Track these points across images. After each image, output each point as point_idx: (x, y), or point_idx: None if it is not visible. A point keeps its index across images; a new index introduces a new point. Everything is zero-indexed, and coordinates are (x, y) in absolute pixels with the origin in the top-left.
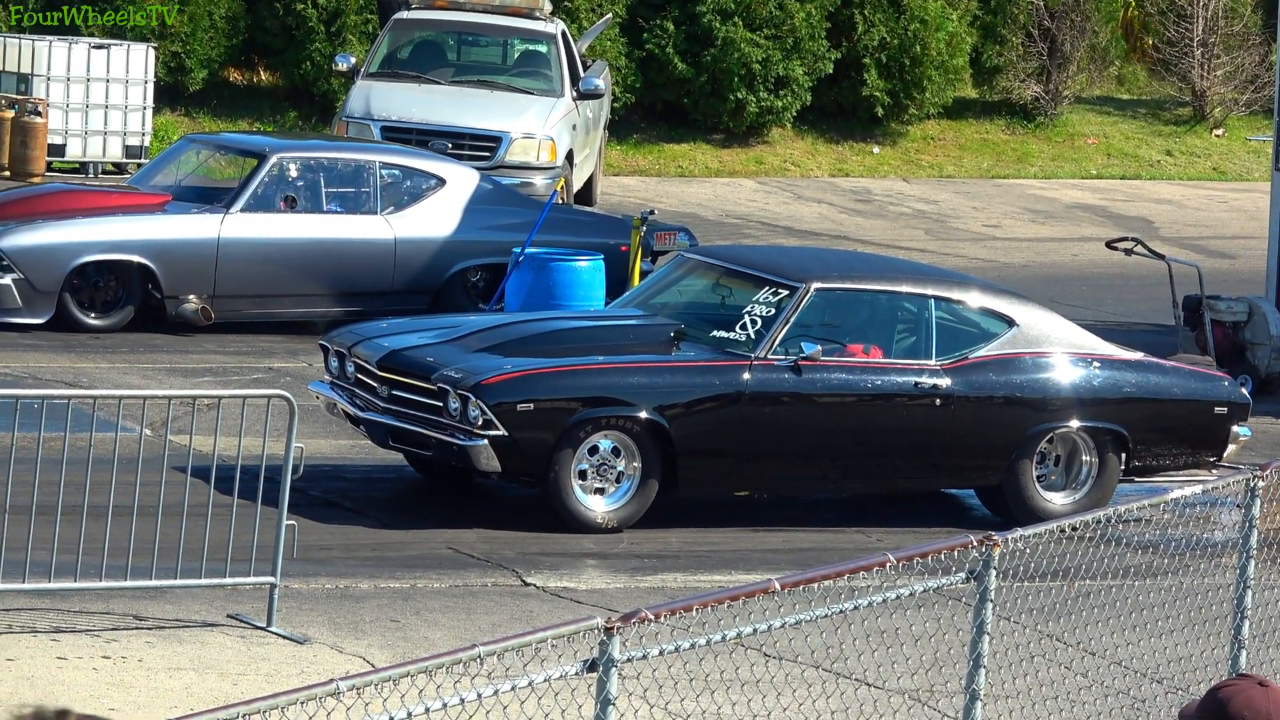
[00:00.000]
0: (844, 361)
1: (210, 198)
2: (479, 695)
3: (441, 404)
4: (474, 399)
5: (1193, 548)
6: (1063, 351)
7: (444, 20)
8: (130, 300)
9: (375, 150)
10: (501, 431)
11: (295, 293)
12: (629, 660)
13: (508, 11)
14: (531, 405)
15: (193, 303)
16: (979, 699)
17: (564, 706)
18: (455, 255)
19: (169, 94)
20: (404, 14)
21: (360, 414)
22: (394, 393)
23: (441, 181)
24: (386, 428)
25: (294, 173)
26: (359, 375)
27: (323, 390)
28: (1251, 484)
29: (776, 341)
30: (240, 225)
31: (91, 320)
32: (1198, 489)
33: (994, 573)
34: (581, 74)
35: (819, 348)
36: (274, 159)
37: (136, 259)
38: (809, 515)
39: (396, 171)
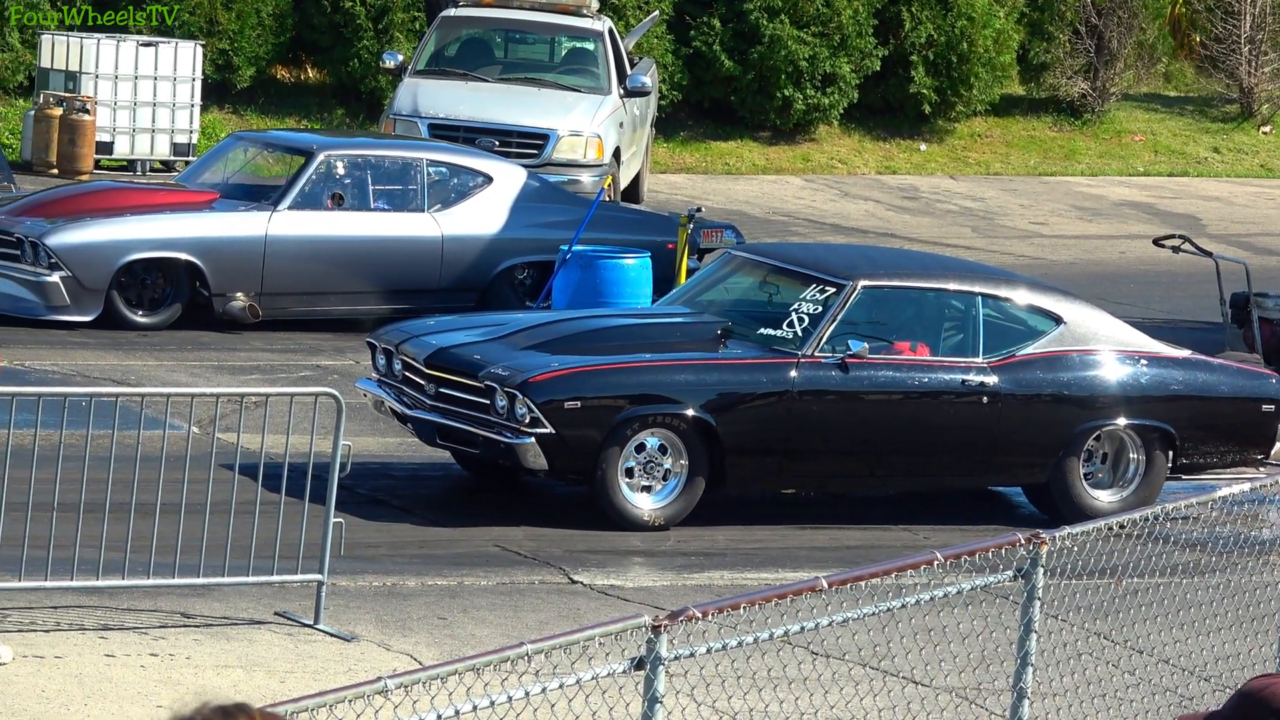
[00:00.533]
0: (891, 359)
1: (258, 195)
2: (527, 693)
3: (489, 402)
4: (521, 396)
5: (1241, 546)
6: (1110, 349)
7: (491, 18)
8: (178, 298)
9: (422, 148)
10: (549, 429)
11: (342, 290)
12: (676, 658)
13: (555, 9)
14: (579, 403)
15: (240, 300)
16: (1026, 697)
17: (611, 705)
18: (502, 253)
19: (217, 91)
20: (451, 11)
21: (408, 411)
22: (441, 390)
23: (489, 179)
24: (434, 425)
25: (341, 170)
26: (406, 373)
27: (370, 388)
28: None
29: (823, 339)
30: (287, 223)
31: (139, 318)
32: (1246, 487)
33: (1041, 571)
34: (629, 71)
35: (866, 345)
36: (321, 156)
37: (184, 257)
38: (856, 513)
39: (444, 169)
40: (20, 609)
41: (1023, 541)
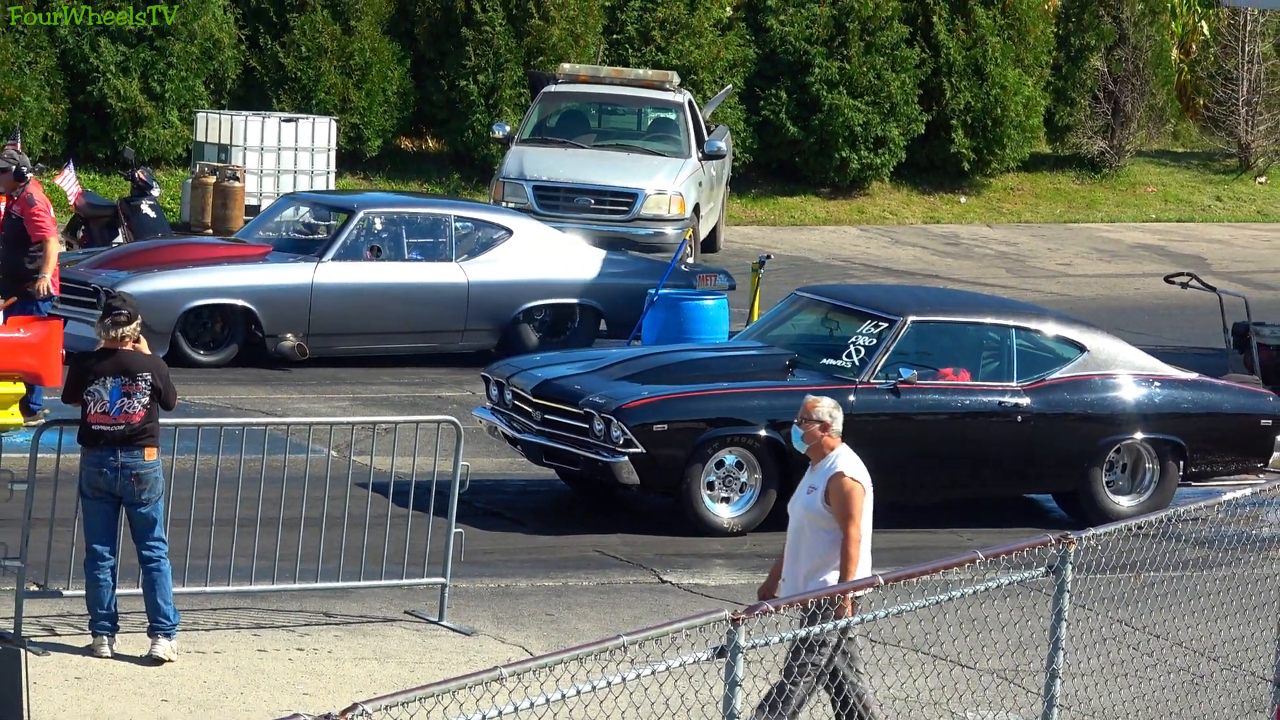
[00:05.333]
0: (937, 384)
1: (306, 248)
2: (623, 679)
3: (588, 426)
4: (616, 421)
5: (1244, 543)
6: (1128, 373)
7: (586, 93)
8: (235, 339)
9: (450, 205)
10: (640, 449)
11: (380, 331)
12: (753, 647)
13: (642, 84)
14: (666, 426)
15: (290, 340)
16: (1058, 677)
17: (697, 689)
18: (521, 296)
19: (349, 160)
20: (552, 88)
21: (517, 435)
22: (547, 417)
23: (510, 232)
24: (540, 447)
25: (379, 226)
26: (516, 402)
27: (485, 415)
28: None
29: (878, 368)
30: (331, 272)
31: (200, 356)
32: (1248, 491)
33: (1070, 567)
34: (706, 137)
35: (915, 372)
36: (361, 214)
37: (240, 303)
38: (908, 518)
39: (469, 224)
40: (185, 610)
41: (1054, 542)
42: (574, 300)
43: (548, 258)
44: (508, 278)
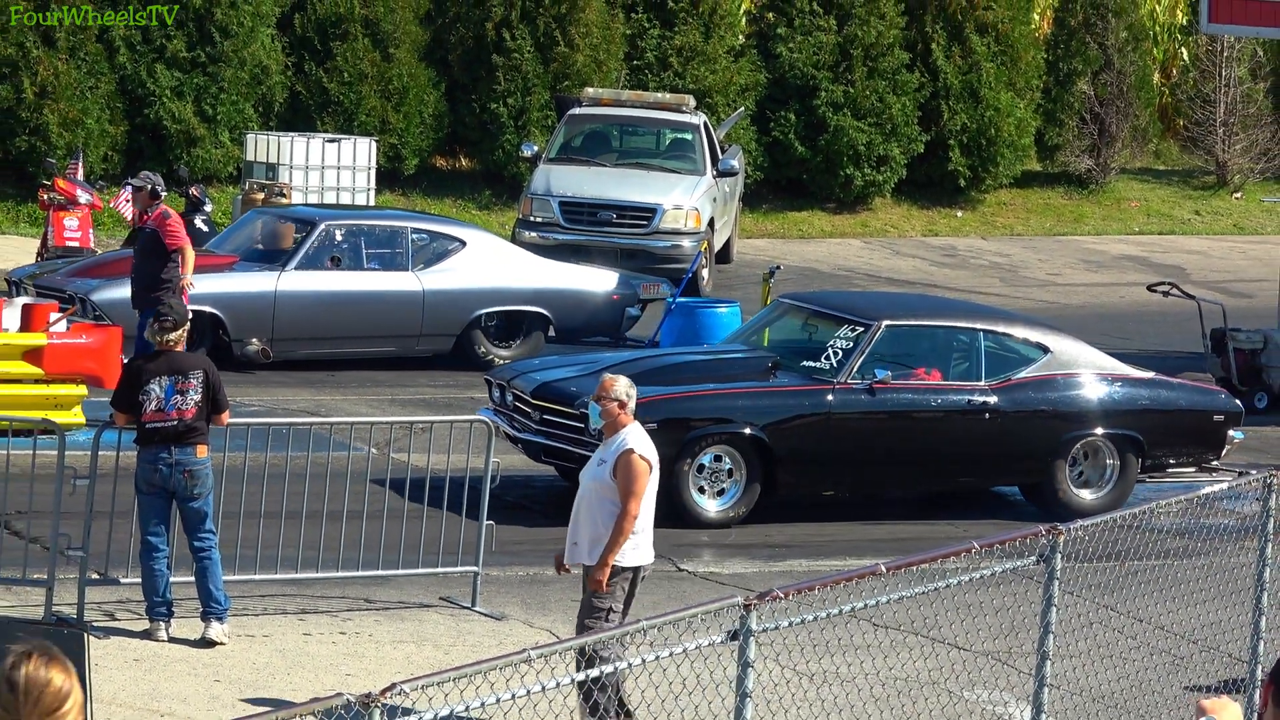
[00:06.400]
0: (910, 384)
1: (271, 258)
2: (643, 660)
3: (583, 425)
4: None
5: (1220, 534)
6: (1089, 372)
7: (609, 115)
8: (202, 343)
9: (406, 217)
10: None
11: (341, 335)
12: (764, 630)
13: (660, 107)
14: (656, 424)
15: (254, 344)
16: (1048, 658)
17: (711, 669)
18: (474, 303)
19: (387, 178)
20: (577, 110)
21: (518, 435)
22: (545, 417)
23: (463, 243)
24: (539, 445)
25: (339, 237)
26: (516, 403)
27: (488, 416)
28: (1269, 481)
29: (854, 369)
30: (294, 280)
31: None
32: (1224, 486)
33: (1059, 556)
34: (720, 156)
35: (889, 373)
36: (322, 226)
37: (208, 309)
38: (908, 511)
39: (425, 235)
40: (235, 597)
41: (1044, 532)
42: (523, 307)
43: (499, 267)
44: (461, 286)
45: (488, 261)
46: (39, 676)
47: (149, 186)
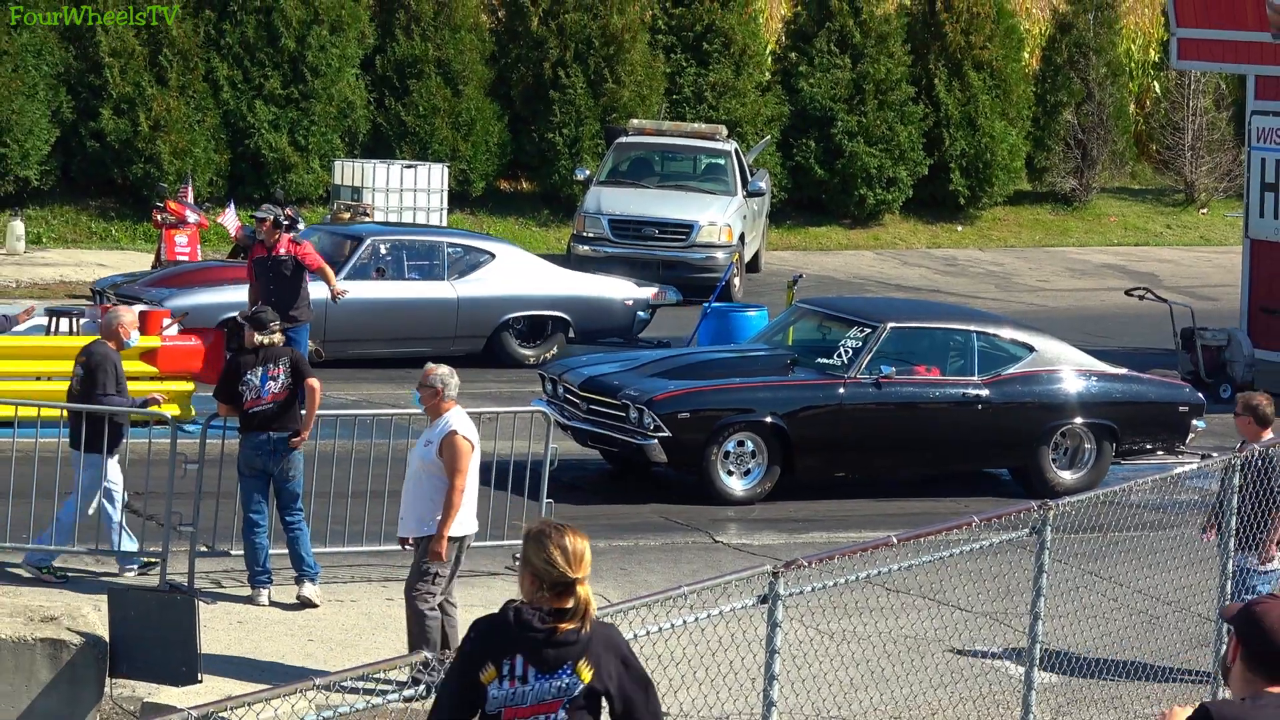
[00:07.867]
0: (912, 379)
1: None
2: (684, 621)
3: (625, 414)
4: (648, 411)
5: (1190, 508)
6: (1070, 368)
7: (652, 143)
8: None
9: (443, 233)
10: (667, 433)
11: (384, 338)
12: (790, 595)
13: (696, 136)
14: (689, 414)
15: (310, 345)
16: (1040, 618)
17: (745, 629)
18: (502, 309)
19: (457, 199)
20: (624, 139)
21: (568, 423)
22: (591, 407)
23: (492, 256)
24: (586, 432)
25: (384, 250)
26: (566, 395)
27: (541, 406)
28: (1232, 462)
29: (863, 365)
30: (344, 289)
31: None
32: (1193, 467)
33: (1049, 528)
34: (749, 179)
35: (894, 369)
36: (369, 241)
37: None
38: (917, 490)
39: (459, 249)
40: (326, 567)
41: (1036, 508)
42: (547, 312)
43: (524, 277)
44: (491, 293)
45: (514, 272)
46: (578, 541)
47: (271, 218)
